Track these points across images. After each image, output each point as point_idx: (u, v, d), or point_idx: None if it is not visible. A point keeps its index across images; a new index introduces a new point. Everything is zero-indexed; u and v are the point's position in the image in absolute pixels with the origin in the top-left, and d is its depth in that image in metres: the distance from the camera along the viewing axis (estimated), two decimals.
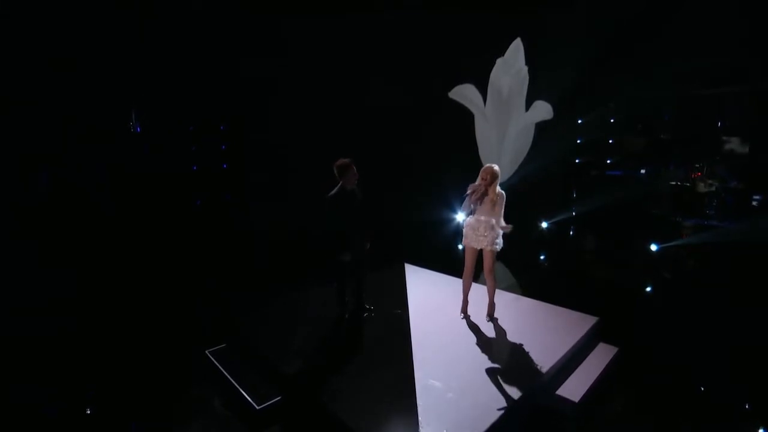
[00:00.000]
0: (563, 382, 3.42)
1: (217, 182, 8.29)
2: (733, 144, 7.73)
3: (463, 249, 4.04)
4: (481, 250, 3.93)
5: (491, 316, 4.12)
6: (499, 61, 8.05)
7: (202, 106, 7.62)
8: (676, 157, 8.11)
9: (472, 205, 3.84)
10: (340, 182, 3.88)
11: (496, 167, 3.83)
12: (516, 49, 7.81)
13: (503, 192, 3.87)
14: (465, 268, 4.06)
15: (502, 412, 2.88)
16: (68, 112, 6.04)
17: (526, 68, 7.87)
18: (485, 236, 3.83)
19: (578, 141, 9.04)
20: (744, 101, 7.57)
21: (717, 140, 7.89)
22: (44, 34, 5.56)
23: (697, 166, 7.73)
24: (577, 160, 8.89)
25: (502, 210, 3.85)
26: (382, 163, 6.67)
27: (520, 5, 7.12)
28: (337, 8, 7.02)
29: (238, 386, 3.44)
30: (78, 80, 6.04)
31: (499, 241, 3.88)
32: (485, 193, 3.79)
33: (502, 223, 3.87)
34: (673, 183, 7.93)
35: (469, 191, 3.82)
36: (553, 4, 6.94)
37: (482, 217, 3.83)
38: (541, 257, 6.74)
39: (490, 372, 3.32)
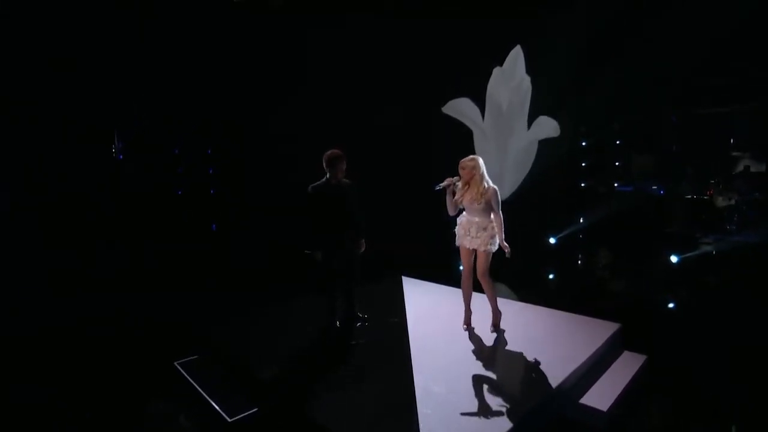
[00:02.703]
0: (586, 391, 3.12)
1: (205, 201, 8.19)
2: (748, 158, 7.68)
3: (458, 251, 3.76)
4: (475, 251, 3.63)
5: (496, 326, 3.79)
6: (496, 71, 7.74)
7: (189, 126, 7.68)
8: (689, 173, 8.03)
9: (459, 204, 3.56)
10: (327, 175, 3.72)
11: (474, 158, 3.53)
12: (515, 57, 7.54)
13: (494, 186, 3.52)
14: (463, 270, 3.78)
15: (518, 419, 2.57)
16: (52, 119, 6.06)
17: (528, 78, 7.60)
18: (478, 237, 3.53)
19: (583, 164, 8.95)
20: (756, 117, 7.61)
21: (730, 155, 7.86)
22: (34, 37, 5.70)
23: (713, 181, 7.64)
24: (583, 183, 8.77)
25: (498, 206, 3.51)
26: (380, 176, 6.57)
27: (519, 5, 6.92)
28: (333, 15, 7.17)
29: (208, 398, 3.11)
30: (59, 92, 6.09)
31: (494, 240, 3.56)
32: (466, 189, 3.50)
33: (502, 232, 3.54)
34: (689, 197, 7.79)
35: (443, 185, 3.49)
36: (557, 6, 6.90)
37: (475, 219, 3.55)
38: (551, 268, 6.56)
39: (501, 378, 3.06)
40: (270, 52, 7.37)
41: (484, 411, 2.65)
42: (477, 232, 3.52)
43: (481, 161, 3.53)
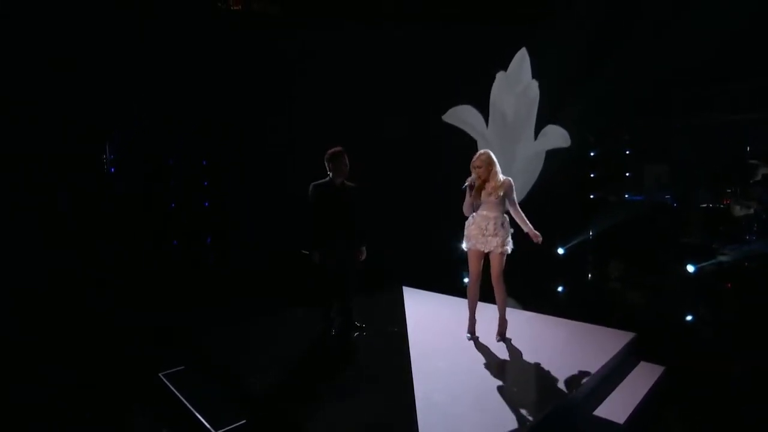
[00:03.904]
0: (601, 403, 3.01)
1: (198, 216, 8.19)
2: (766, 167, 7.65)
3: (466, 254, 3.69)
4: (488, 254, 3.54)
5: (503, 335, 3.69)
6: (499, 75, 7.51)
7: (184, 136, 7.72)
8: (704, 182, 8.02)
9: (473, 203, 3.51)
10: (329, 174, 3.71)
11: (486, 152, 3.53)
12: (521, 61, 7.37)
13: (509, 179, 3.50)
14: (470, 276, 3.67)
15: (527, 430, 2.47)
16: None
17: (535, 84, 7.42)
18: (495, 236, 3.44)
19: (592, 175, 8.93)
20: None
21: (747, 164, 7.83)
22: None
23: (729, 191, 7.61)
24: (592, 192, 8.75)
25: (515, 199, 3.50)
26: (381, 185, 6.54)
27: (522, 8, 6.83)
28: (331, 20, 7.26)
29: (193, 410, 3.02)
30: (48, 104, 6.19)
31: (510, 240, 3.52)
32: (482, 186, 3.46)
33: (528, 223, 3.48)
34: (704, 205, 7.75)
35: (467, 184, 3.49)
36: (563, 8, 6.83)
37: (491, 214, 3.47)
38: (561, 278, 6.51)
39: (508, 388, 2.96)
40: (265, 61, 7.44)
41: (490, 423, 2.55)
42: (495, 229, 3.43)
43: (492, 153, 3.51)
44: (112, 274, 6.33)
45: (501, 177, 3.48)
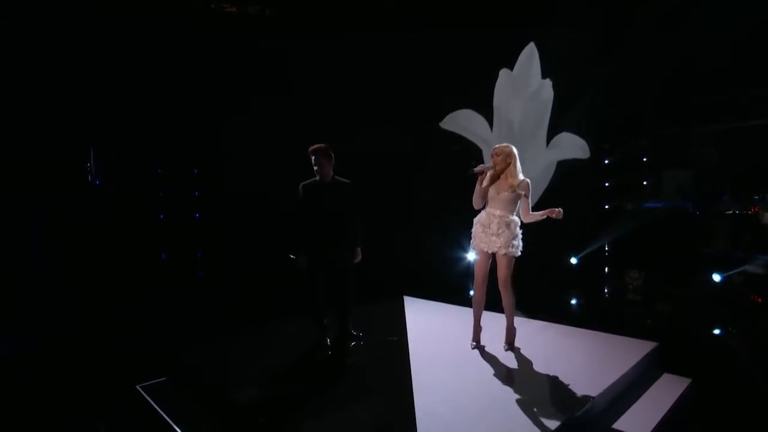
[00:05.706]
0: (620, 417, 2.91)
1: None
2: None
3: (469, 263, 3.65)
4: (494, 256, 3.46)
5: (511, 345, 3.59)
6: (503, 74, 7.11)
7: (174, 144, 7.78)
8: (729, 189, 7.95)
9: (482, 196, 3.44)
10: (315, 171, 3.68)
11: (509, 145, 3.44)
12: (528, 58, 6.97)
13: (527, 180, 3.39)
14: (475, 280, 3.57)
15: None
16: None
17: (548, 83, 7.08)
18: (499, 235, 3.34)
19: (607, 183, 8.87)
20: None
21: None
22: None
23: (757, 197, 7.54)
24: (607, 200, 8.71)
25: (528, 202, 3.39)
26: (380, 191, 6.54)
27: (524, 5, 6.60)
28: (325, 33, 7.36)
29: (172, 423, 2.95)
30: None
31: (518, 243, 3.41)
32: (495, 179, 3.41)
33: (541, 214, 3.30)
34: (730, 212, 7.66)
35: (476, 169, 3.40)
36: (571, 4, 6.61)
37: (497, 211, 3.39)
38: (575, 288, 6.51)
39: (517, 399, 2.84)
40: (260, 65, 7.51)
41: None
42: (498, 228, 3.35)
43: (515, 149, 3.43)
44: (99, 284, 6.36)
45: (521, 176, 3.39)
